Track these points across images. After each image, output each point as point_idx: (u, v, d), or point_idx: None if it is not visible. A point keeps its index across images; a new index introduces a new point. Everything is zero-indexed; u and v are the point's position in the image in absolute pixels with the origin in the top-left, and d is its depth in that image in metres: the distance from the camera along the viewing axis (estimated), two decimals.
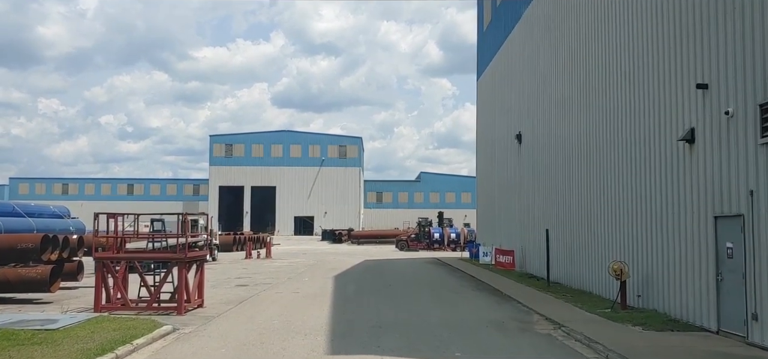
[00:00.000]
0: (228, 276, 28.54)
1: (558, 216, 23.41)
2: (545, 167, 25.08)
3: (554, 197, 23.88)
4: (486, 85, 37.86)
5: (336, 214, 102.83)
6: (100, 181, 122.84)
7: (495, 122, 35.08)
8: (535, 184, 26.72)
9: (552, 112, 24.34)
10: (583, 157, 20.99)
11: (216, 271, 32.31)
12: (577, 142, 21.58)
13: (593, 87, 20.20)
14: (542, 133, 25.55)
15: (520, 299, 19.06)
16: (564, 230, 22.79)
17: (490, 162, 36.55)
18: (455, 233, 61.68)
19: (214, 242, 43.27)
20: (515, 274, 27.29)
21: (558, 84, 23.67)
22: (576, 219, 21.65)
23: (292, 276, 28.81)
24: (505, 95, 32.38)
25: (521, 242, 28.90)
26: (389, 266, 35.95)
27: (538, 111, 26.31)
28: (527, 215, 27.99)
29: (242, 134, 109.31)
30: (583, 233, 21.02)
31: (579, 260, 21.36)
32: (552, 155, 24.24)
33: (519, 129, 29.25)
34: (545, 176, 25.07)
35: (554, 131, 24.04)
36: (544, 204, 25.18)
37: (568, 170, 22.39)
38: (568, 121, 22.46)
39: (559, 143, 23.40)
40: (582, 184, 21.15)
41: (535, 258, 26.89)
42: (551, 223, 23.86)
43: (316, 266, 36.02)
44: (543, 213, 25.34)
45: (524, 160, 28.49)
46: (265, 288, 22.76)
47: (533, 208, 26.95)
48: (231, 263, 39.29)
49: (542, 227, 25.37)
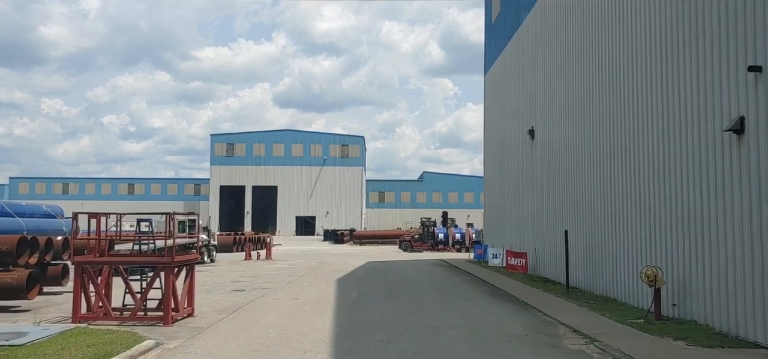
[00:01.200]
0: (224, 280, 26.84)
1: (577, 216, 21.67)
2: (562, 163, 23.35)
3: (573, 196, 22.14)
4: (494, 80, 36.13)
5: (338, 214, 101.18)
6: (101, 180, 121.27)
7: (504, 117, 33.35)
8: (550, 182, 24.99)
9: (570, 105, 22.59)
10: (607, 153, 19.24)
11: (213, 274, 30.62)
12: (600, 137, 19.84)
13: (619, 76, 18.46)
14: (559, 127, 23.81)
15: (540, 307, 17.32)
16: (585, 232, 21.05)
17: (498, 160, 34.81)
18: (460, 234, 59.94)
19: (212, 243, 41.59)
20: (529, 278, 25.56)
21: (578, 74, 21.93)
22: (599, 220, 19.90)
23: (293, 279, 27.09)
24: (516, 89, 30.65)
25: (534, 244, 27.17)
26: (394, 268, 34.22)
27: (554, 104, 24.57)
28: (541, 215, 26.26)
29: (243, 134, 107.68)
30: (607, 235, 19.27)
31: (602, 264, 19.61)
32: (570, 151, 22.50)
33: (531, 124, 27.52)
34: (562, 173, 23.33)
35: (573, 126, 22.30)
36: (561, 203, 23.45)
37: (590, 167, 20.64)
38: (589, 114, 20.71)
39: (579, 138, 21.66)
40: (606, 182, 19.41)
41: (549, 261, 25.16)
42: (570, 224, 22.13)
43: (317, 268, 34.31)
44: (560, 213, 23.61)
45: (538, 156, 26.76)
46: (262, 294, 21.06)
47: (548, 207, 25.22)
48: (229, 265, 37.60)
49: (559, 227, 23.65)
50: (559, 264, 23.74)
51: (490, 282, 24.30)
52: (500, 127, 34.37)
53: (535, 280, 24.73)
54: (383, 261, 41.09)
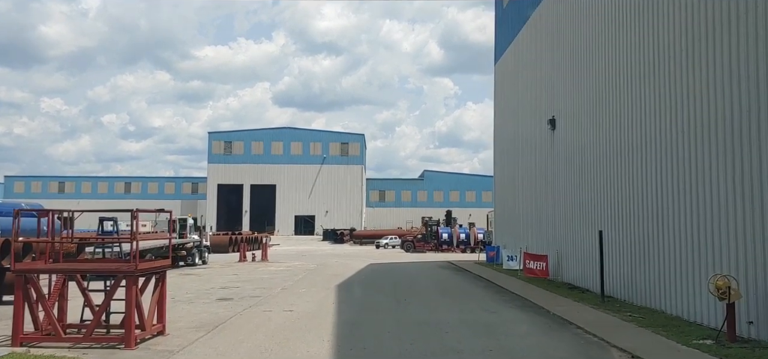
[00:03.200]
0: (212, 286, 23.90)
1: (613, 215, 18.70)
2: (592, 156, 20.40)
3: (607, 192, 19.17)
4: (506, 69, 33.17)
5: (337, 213, 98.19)
6: (97, 179, 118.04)
7: (518, 108, 30.40)
8: (575, 177, 22.06)
9: (602, 89, 19.65)
10: (652, 143, 16.29)
11: (201, 278, 27.68)
12: (641, 124, 16.90)
13: (666, 53, 15.51)
14: (587, 116, 20.86)
15: (579, 322, 14.38)
16: (622, 233, 18.08)
17: (511, 155, 31.85)
18: (465, 234, 57.05)
19: (204, 244, 38.63)
20: (551, 284, 22.62)
21: (611, 55, 18.98)
22: (641, 219, 16.94)
23: (288, 285, 24.15)
24: (532, 76, 27.69)
25: (556, 246, 24.23)
26: (399, 272, 31.29)
27: (580, 90, 21.64)
28: (563, 214, 23.32)
29: (242, 131, 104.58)
30: (653, 237, 16.31)
31: (647, 270, 16.65)
32: (602, 142, 19.55)
33: (552, 114, 24.57)
34: (592, 166, 20.38)
35: (606, 113, 19.36)
36: (590, 201, 20.48)
37: (629, 159, 17.67)
38: (628, 99, 17.75)
39: (613, 127, 18.71)
40: (650, 175, 16.45)
41: (574, 265, 22.22)
42: (603, 224, 19.18)
43: (315, 271, 31.38)
44: (589, 212, 20.65)
45: (559, 149, 23.82)
46: (252, 304, 18.11)
47: (573, 205, 22.28)
48: (222, 268, 34.68)
49: (587, 228, 20.71)
50: (587, 269, 20.81)
51: (509, 289, 21.34)
52: (513, 119, 31.42)
53: (558, 287, 21.80)
54: (386, 263, 38.14)
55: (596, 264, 19.65)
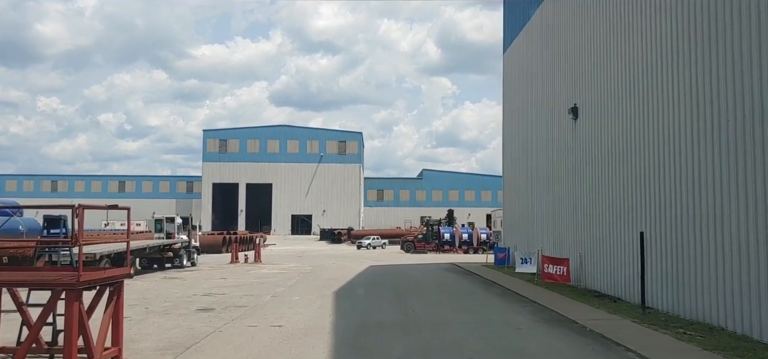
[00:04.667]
0: (195, 292, 21.19)
1: (654, 215, 15.99)
2: (627, 146, 17.71)
3: (647, 188, 16.46)
4: (517, 57, 30.50)
5: (335, 212, 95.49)
6: (91, 178, 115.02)
7: (531, 98, 27.74)
8: (603, 171, 19.41)
9: (641, 69, 16.99)
10: (708, 131, 13.64)
11: (185, 282, 24.98)
12: (694, 110, 14.25)
13: (734, 16, 12.87)
14: (620, 100, 18.19)
15: (629, 343, 11.69)
16: (667, 235, 15.40)
17: (523, 149, 29.19)
18: (467, 234, 54.41)
19: (193, 245, 35.88)
20: (575, 291, 19.96)
21: (651, 27, 16.32)
22: (692, 219, 14.27)
23: (280, 291, 21.46)
24: (549, 61, 25.04)
25: (578, 248, 21.58)
26: (401, 275, 28.61)
27: (610, 72, 18.99)
28: (588, 213, 20.66)
29: (237, 129, 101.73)
30: (706, 240, 13.65)
31: (698, 278, 13.99)
32: (640, 130, 16.88)
33: (574, 101, 21.94)
34: (627, 158, 17.67)
35: (644, 97, 16.70)
36: (625, 198, 17.77)
37: (677, 150, 15.01)
38: (677, 80, 15.08)
39: (656, 112, 16.05)
40: (705, 169, 13.80)
41: (601, 270, 19.57)
42: (643, 223, 16.50)
43: (311, 274, 28.70)
44: (623, 210, 17.96)
45: (583, 140, 21.17)
46: (236, 316, 15.42)
47: (600, 203, 19.63)
48: (211, 270, 31.99)
49: (620, 227, 18.05)
50: (618, 275, 18.16)
51: (530, 298, 18.65)
52: (525, 111, 28.76)
53: (583, 294, 19.13)
54: (387, 265, 35.47)
55: (631, 270, 17.03)
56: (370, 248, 56.83)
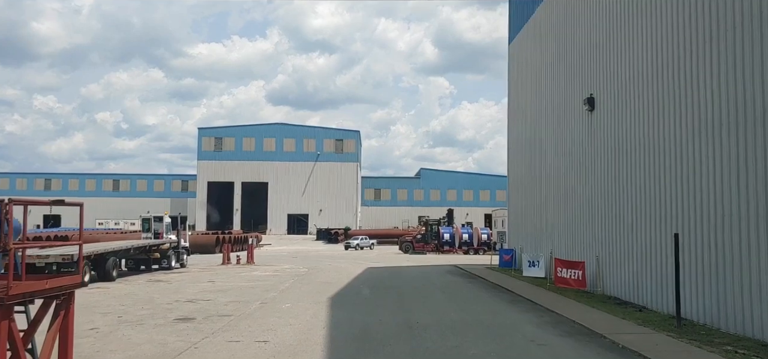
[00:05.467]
0: (178, 297, 19.28)
1: (691, 215, 14.12)
2: (655, 139, 15.86)
3: (681, 185, 14.61)
4: (524, 48, 28.65)
5: (332, 212, 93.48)
6: (85, 176, 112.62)
7: (540, 91, 25.89)
8: (626, 166, 17.56)
9: (668, 54, 15.16)
10: (756, 120, 11.82)
11: (170, 286, 23.08)
12: (739, 97, 12.43)
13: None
14: (645, 88, 16.34)
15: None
16: (706, 238, 13.55)
17: (531, 145, 27.32)
18: (468, 234, 52.56)
19: (182, 245, 33.92)
20: (594, 298, 18.11)
21: (687, 8, 14.49)
22: (739, 220, 12.44)
23: (270, 296, 19.57)
24: (561, 50, 23.18)
25: (594, 251, 19.73)
26: (402, 278, 26.74)
27: (633, 57, 17.15)
28: (607, 212, 18.81)
29: (233, 127, 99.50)
30: (758, 244, 11.82)
31: (746, 289, 12.15)
32: (671, 121, 15.04)
33: (589, 91, 20.10)
34: (654, 152, 15.82)
35: (675, 85, 14.87)
36: (652, 196, 15.90)
37: (715, 142, 13.18)
38: (717, 61, 13.25)
39: (689, 101, 14.21)
40: (751, 163, 11.97)
41: (623, 275, 17.72)
42: (676, 224, 14.64)
43: (306, 277, 26.81)
44: (650, 209, 16.08)
45: (601, 133, 19.33)
46: (217, 328, 13.53)
47: (621, 201, 17.78)
48: (200, 272, 30.07)
49: (647, 228, 16.20)
50: (644, 281, 16.31)
51: (545, 306, 16.78)
52: (533, 104, 26.90)
53: (604, 302, 17.28)
54: (386, 268, 33.59)
55: (660, 276, 15.19)
56: (359, 248, 54.82)
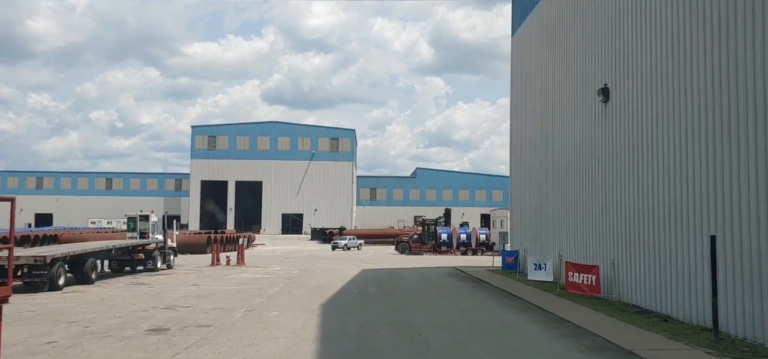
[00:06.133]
0: (156, 304, 17.53)
1: (728, 216, 12.48)
2: (682, 130, 14.21)
3: (715, 183, 12.98)
4: (528, 39, 26.99)
5: (327, 211, 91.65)
6: (77, 175, 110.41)
7: (547, 83, 24.24)
8: (647, 162, 15.91)
9: (700, 36, 13.52)
10: None
11: (151, 290, 21.35)
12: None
13: None
14: (671, 74, 14.70)
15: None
16: (747, 243, 11.89)
17: (536, 141, 25.66)
18: (466, 234, 50.86)
19: (169, 245, 32.16)
20: (611, 306, 16.44)
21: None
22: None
23: (257, 302, 17.84)
24: (571, 37, 21.52)
25: (610, 254, 18.07)
26: (400, 282, 25.05)
27: (655, 43, 15.50)
28: (625, 212, 17.15)
29: (227, 126, 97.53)
30: None
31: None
32: (703, 110, 13.39)
33: (603, 81, 18.45)
34: (685, 146, 14.16)
35: (708, 69, 13.22)
36: (682, 193, 14.23)
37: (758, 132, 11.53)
38: (761, 39, 11.62)
39: (731, 85, 12.57)
40: None
41: (642, 281, 16.05)
42: (711, 226, 12.98)
43: (297, 280, 25.10)
44: (677, 209, 14.42)
45: (617, 126, 17.67)
46: (191, 343, 11.80)
47: (642, 199, 16.11)
48: (187, 274, 28.32)
49: (670, 230, 14.55)
50: (669, 288, 14.65)
51: (559, 315, 15.10)
52: (539, 98, 25.25)
53: (622, 311, 15.61)
54: (382, 269, 31.90)
55: (689, 283, 13.55)
56: (347, 248, 52.98)
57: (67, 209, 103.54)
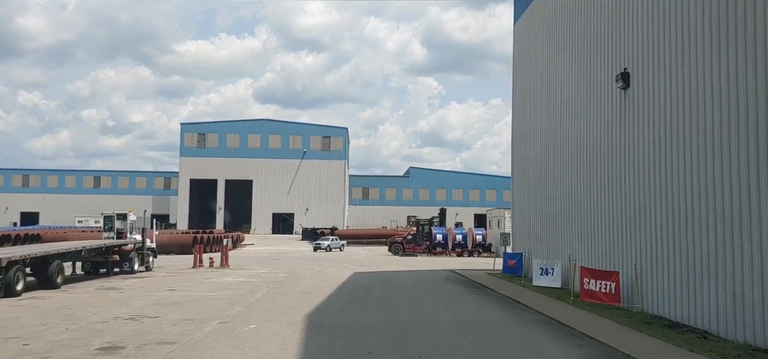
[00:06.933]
0: (118, 314, 15.33)
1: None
2: (723, 117, 12.17)
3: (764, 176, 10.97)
4: (534, 22, 24.93)
5: (318, 211, 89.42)
6: (64, 173, 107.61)
7: (555, 69, 22.19)
8: (675, 155, 13.87)
9: (750, 5, 11.49)
10: None
11: (121, 295, 19.18)
12: None
13: None
14: (711, 51, 12.66)
15: None
16: None
17: (543, 134, 23.61)
18: (461, 235, 48.80)
19: (148, 246, 29.92)
20: (634, 318, 14.37)
21: None
22: None
23: (234, 312, 15.67)
24: (582, 21, 19.47)
25: (631, 259, 16.01)
26: (394, 287, 22.94)
27: (687, 17, 13.46)
28: (650, 212, 15.10)
29: (216, 123, 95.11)
30: None
31: None
32: (752, 90, 11.36)
33: (623, 65, 16.42)
34: (727, 137, 12.12)
35: (756, 41, 11.19)
36: (724, 191, 12.18)
37: None
38: None
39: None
40: None
41: (672, 291, 13.99)
42: (763, 230, 10.94)
43: (283, 285, 22.97)
44: (719, 210, 12.38)
45: (639, 116, 15.63)
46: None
47: (671, 198, 14.07)
48: (165, 277, 26.11)
49: (713, 233, 12.49)
50: (705, 300, 12.60)
51: (579, 330, 13.01)
52: (547, 86, 23.20)
53: (649, 324, 13.54)
54: (374, 272, 29.77)
55: (734, 296, 11.50)
56: (329, 249, 50.77)
57: (54, 207, 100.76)
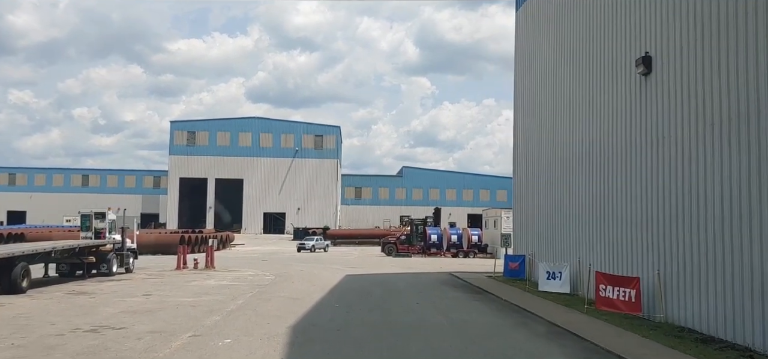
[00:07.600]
0: (78, 325, 13.50)
1: None
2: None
3: None
4: (540, 7, 23.26)
5: (310, 210, 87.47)
6: (52, 171, 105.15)
7: (564, 55, 20.52)
8: (703, 146, 12.23)
9: None
10: None
11: (90, 301, 17.37)
12: None
13: None
14: (753, 24, 11.02)
15: None
16: None
17: (549, 128, 21.94)
18: (457, 235, 47.15)
19: (128, 247, 28.08)
20: (659, 329, 12.71)
21: None
22: None
23: (209, 324, 13.88)
24: (596, 3, 17.82)
25: (654, 264, 14.35)
26: (389, 292, 21.21)
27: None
28: (676, 211, 13.44)
29: (207, 121, 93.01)
30: None
31: None
32: None
33: (644, 49, 14.76)
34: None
35: None
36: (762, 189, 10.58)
37: None
38: None
39: None
40: None
41: (699, 300, 12.35)
42: None
43: (269, 289, 21.20)
44: (759, 207, 10.74)
45: (661, 103, 13.98)
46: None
47: (705, 196, 12.42)
48: (144, 279, 24.31)
49: (747, 236, 10.84)
50: (747, 313, 10.95)
51: (604, 346, 11.32)
52: (555, 76, 21.53)
53: (679, 337, 11.90)
54: (367, 275, 28.02)
55: None
56: (313, 249, 49.07)
57: (41, 206, 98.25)
